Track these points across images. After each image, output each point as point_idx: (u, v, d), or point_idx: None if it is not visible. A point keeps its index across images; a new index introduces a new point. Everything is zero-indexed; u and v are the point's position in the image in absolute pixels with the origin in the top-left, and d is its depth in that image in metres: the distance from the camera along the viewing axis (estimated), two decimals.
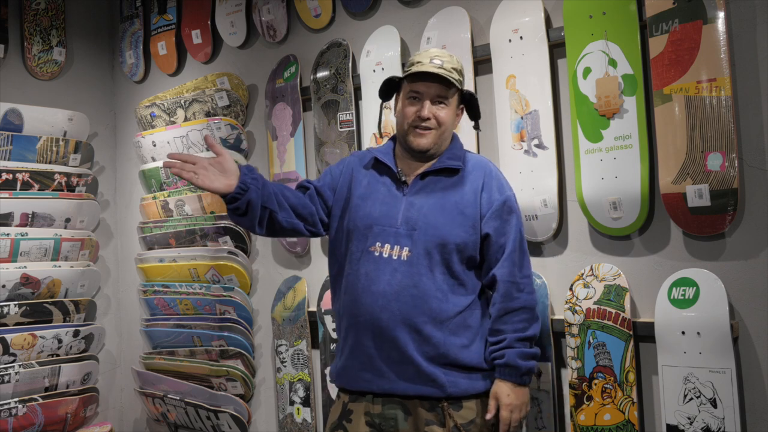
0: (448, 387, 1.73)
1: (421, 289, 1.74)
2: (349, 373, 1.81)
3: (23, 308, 3.07)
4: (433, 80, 1.77)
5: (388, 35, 2.54)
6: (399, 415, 1.75)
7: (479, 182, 1.82)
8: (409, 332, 1.73)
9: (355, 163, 1.94)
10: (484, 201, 1.80)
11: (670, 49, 1.87)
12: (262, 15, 2.94)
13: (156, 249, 3.26)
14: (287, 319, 2.82)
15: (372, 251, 1.78)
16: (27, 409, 3.00)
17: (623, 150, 1.98)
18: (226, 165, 1.72)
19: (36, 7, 3.40)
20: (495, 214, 1.79)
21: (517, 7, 2.21)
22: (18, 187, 3.14)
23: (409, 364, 1.73)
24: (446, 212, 1.78)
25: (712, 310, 1.81)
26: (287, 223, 1.83)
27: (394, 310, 1.73)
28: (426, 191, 1.81)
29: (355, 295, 1.79)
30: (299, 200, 1.86)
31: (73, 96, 3.55)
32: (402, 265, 1.75)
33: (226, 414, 2.91)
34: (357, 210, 1.84)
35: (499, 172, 1.89)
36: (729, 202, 1.79)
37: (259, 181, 1.76)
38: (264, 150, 3.00)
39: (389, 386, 1.75)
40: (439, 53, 1.81)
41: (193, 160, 1.71)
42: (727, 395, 1.76)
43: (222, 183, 1.70)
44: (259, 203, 1.75)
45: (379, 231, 1.79)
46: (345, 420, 1.82)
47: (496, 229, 1.78)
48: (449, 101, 1.81)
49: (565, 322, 2.06)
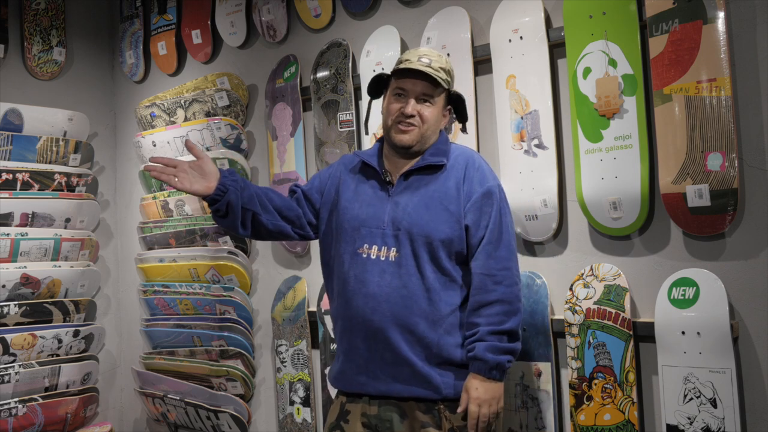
0: (444, 389, 1.73)
1: (410, 290, 1.73)
2: (346, 376, 1.82)
3: (23, 308, 3.07)
4: (419, 78, 1.77)
5: (388, 35, 2.54)
6: (395, 417, 1.75)
7: (461, 174, 1.80)
8: (402, 333, 1.72)
9: (343, 168, 1.95)
10: (465, 193, 1.78)
11: (670, 49, 1.87)
12: (262, 15, 2.94)
13: (156, 249, 3.26)
14: (287, 319, 2.82)
15: (360, 253, 1.78)
16: (27, 409, 3.00)
17: (623, 150, 1.98)
18: (205, 168, 1.79)
19: (36, 7, 3.40)
20: (474, 206, 1.77)
21: (517, 7, 2.21)
22: (18, 187, 3.14)
23: (404, 365, 1.73)
24: (431, 209, 1.77)
25: (712, 310, 1.81)
26: (272, 226, 1.88)
27: (385, 311, 1.73)
28: (410, 190, 1.81)
29: (347, 298, 1.79)
30: (285, 203, 1.90)
31: (73, 96, 3.55)
32: (390, 266, 1.75)
33: (226, 414, 2.91)
34: (345, 213, 1.84)
35: (482, 162, 1.86)
36: (729, 202, 1.79)
37: (239, 183, 1.82)
38: (264, 150, 3.00)
39: (385, 388, 1.75)
40: (428, 52, 1.81)
41: (173, 163, 1.78)
42: (727, 395, 1.76)
43: (201, 185, 1.78)
44: (239, 204, 1.81)
45: (366, 233, 1.79)
46: (342, 420, 1.82)
47: (474, 222, 1.76)
48: (435, 100, 1.80)
49: (565, 322, 2.06)
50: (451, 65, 1.85)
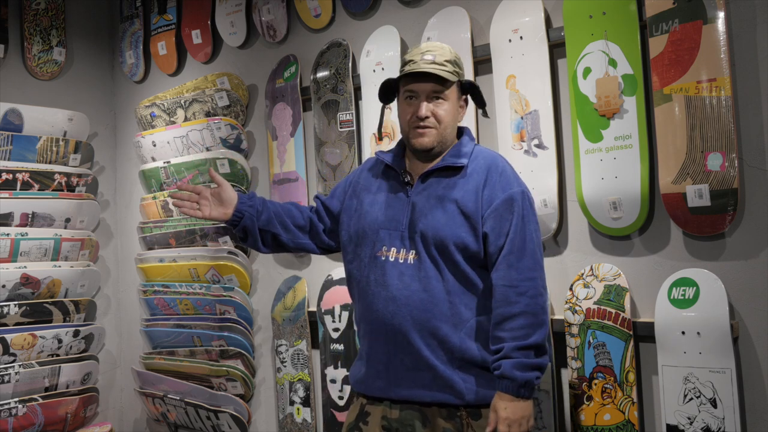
0: (466, 394, 1.68)
1: (431, 293, 1.69)
2: (367, 380, 1.79)
3: (23, 308, 3.07)
4: (426, 77, 1.73)
5: (388, 35, 2.54)
6: (417, 422, 1.71)
7: (482, 179, 1.73)
8: (423, 336, 1.69)
9: (365, 171, 1.92)
10: (485, 199, 1.71)
11: (670, 49, 1.87)
12: (262, 15, 2.94)
13: (156, 249, 3.26)
14: (287, 319, 2.82)
15: (379, 256, 1.75)
16: (27, 409, 3.00)
17: (623, 150, 1.98)
18: (224, 195, 1.90)
19: (36, 7, 3.40)
20: (494, 213, 1.69)
21: (517, 7, 2.21)
22: (18, 187, 3.14)
23: (425, 369, 1.69)
24: (446, 212, 1.72)
25: (712, 310, 1.81)
26: (293, 244, 1.95)
27: (405, 314, 1.69)
28: (428, 192, 1.76)
29: (368, 302, 1.76)
30: (306, 220, 1.96)
31: (73, 96, 3.55)
32: (409, 269, 1.72)
33: (226, 414, 2.91)
34: (366, 216, 1.82)
35: (507, 165, 1.78)
36: (729, 202, 1.79)
37: (255, 207, 1.91)
38: (264, 150, 3.00)
39: (407, 393, 1.71)
40: (431, 47, 1.77)
41: (197, 190, 1.91)
42: (727, 395, 1.76)
43: (219, 212, 1.90)
44: (256, 228, 1.90)
45: (385, 235, 1.76)
46: (362, 422, 1.79)
47: (493, 229, 1.69)
48: (447, 95, 1.75)
49: (565, 322, 2.06)
50: (457, 53, 1.81)
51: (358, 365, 1.85)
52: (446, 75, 1.72)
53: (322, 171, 2.70)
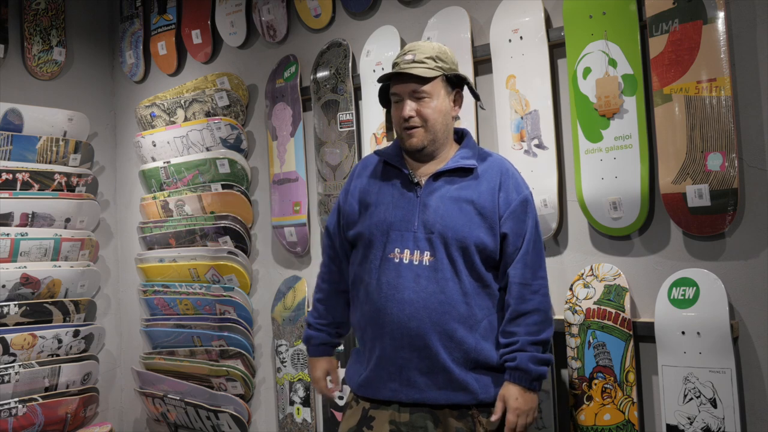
0: (480, 394, 1.69)
1: (448, 295, 1.69)
2: (375, 384, 1.76)
3: (23, 308, 3.07)
4: (405, 77, 1.72)
5: (388, 35, 2.54)
6: (429, 424, 1.70)
7: (496, 181, 1.75)
8: (441, 339, 1.68)
9: (363, 172, 1.90)
10: (502, 201, 1.73)
11: (670, 49, 1.87)
12: (262, 15, 2.94)
13: (156, 249, 3.26)
14: (287, 319, 2.82)
15: (391, 258, 1.73)
16: (27, 409, 3.00)
17: (623, 150, 1.98)
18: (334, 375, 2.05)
19: (36, 7, 3.40)
20: (512, 215, 1.73)
21: (517, 7, 2.21)
22: (18, 187, 3.14)
23: (441, 372, 1.69)
24: (464, 213, 1.72)
25: (712, 310, 1.81)
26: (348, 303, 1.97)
27: (423, 317, 1.68)
28: (440, 192, 1.75)
29: (379, 305, 1.73)
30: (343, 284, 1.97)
31: (73, 96, 3.55)
32: (425, 271, 1.70)
33: (226, 414, 2.91)
34: (372, 217, 1.79)
35: (515, 170, 1.82)
36: (729, 202, 1.79)
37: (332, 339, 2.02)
38: (264, 150, 3.00)
39: (419, 396, 1.71)
40: (413, 46, 1.76)
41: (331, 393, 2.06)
42: (727, 395, 1.76)
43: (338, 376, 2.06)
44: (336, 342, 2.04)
45: (396, 236, 1.74)
46: (365, 426, 1.76)
47: (512, 230, 1.72)
48: (430, 92, 1.73)
49: (565, 322, 2.06)
50: (444, 48, 1.78)
51: (358, 369, 1.83)
52: (421, 72, 1.70)
53: (322, 171, 2.70)
